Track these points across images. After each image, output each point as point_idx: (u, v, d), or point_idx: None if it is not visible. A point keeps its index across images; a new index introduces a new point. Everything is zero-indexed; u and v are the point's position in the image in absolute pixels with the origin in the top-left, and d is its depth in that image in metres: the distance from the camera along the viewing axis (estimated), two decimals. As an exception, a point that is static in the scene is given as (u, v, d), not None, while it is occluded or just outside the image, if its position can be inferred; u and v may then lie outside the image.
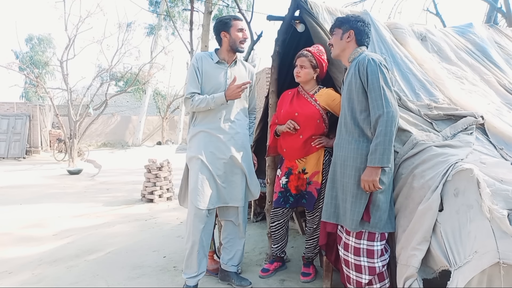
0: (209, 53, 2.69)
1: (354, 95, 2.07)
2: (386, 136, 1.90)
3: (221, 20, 2.63)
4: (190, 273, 2.57)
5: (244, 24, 2.64)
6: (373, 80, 1.97)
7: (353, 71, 2.08)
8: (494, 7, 7.19)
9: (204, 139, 2.58)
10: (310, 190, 2.69)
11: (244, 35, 2.61)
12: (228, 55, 2.63)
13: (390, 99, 1.95)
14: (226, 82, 2.59)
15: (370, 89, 1.99)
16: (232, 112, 2.64)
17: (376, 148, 1.92)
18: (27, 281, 2.97)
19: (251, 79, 2.79)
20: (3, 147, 13.73)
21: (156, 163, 6.17)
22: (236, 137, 2.63)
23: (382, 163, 1.91)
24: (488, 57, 3.29)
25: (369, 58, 2.02)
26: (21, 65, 16.76)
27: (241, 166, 2.63)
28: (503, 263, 1.48)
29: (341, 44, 2.19)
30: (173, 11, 17.69)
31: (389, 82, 2.01)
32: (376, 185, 1.93)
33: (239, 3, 4.61)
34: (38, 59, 21.66)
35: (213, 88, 2.58)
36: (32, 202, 6.12)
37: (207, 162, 2.53)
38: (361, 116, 2.06)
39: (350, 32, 2.15)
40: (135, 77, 14.64)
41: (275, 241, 2.92)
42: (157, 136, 21.23)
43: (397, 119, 1.97)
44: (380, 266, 2.03)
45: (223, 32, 2.59)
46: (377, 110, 1.95)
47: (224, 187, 2.59)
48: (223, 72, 2.61)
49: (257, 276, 2.87)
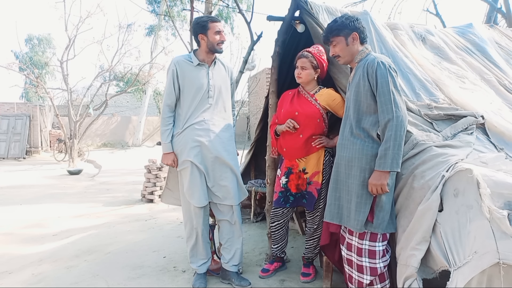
0: (187, 55, 2.73)
1: (362, 98, 2.06)
2: (396, 140, 1.91)
3: (198, 22, 2.65)
4: (199, 261, 2.74)
5: (221, 26, 2.67)
6: (382, 84, 1.96)
7: (361, 73, 2.06)
8: (494, 8, 7.19)
9: (191, 139, 2.63)
10: (311, 190, 2.70)
11: (222, 38, 2.64)
12: (207, 56, 2.68)
13: (399, 104, 1.95)
14: (208, 83, 2.65)
15: (379, 93, 1.98)
16: (217, 111, 2.70)
17: (386, 153, 1.92)
18: (27, 281, 2.97)
19: (230, 77, 2.86)
20: (3, 147, 13.72)
21: (156, 163, 6.17)
22: (222, 135, 2.69)
23: (391, 167, 1.92)
24: (488, 57, 3.29)
25: (379, 61, 2.00)
26: (21, 65, 16.76)
27: (229, 164, 2.69)
28: (503, 264, 1.47)
29: (350, 50, 2.14)
30: (173, 11, 17.68)
31: (398, 85, 2.01)
32: (384, 188, 1.94)
33: (239, 3, 4.61)
34: (38, 59, 21.67)
35: (196, 90, 2.63)
36: (32, 202, 6.12)
37: (197, 163, 2.61)
38: (369, 119, 2.05)
39: (353, 35, 2.12)
40: (135, 78, 14.63)
41: (275, 241, 2.92)
42: (157, 136, 21.19)
43: (406, 124, 1.96)
44: (382, 267, 2.04)
45: (200, 34, 2.63)
46: (386, 115, 1.94)
47: (213, 186, 2.68)
48: (205, 74, 2.66)
49: (257, 276, 2.88)
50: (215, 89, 2.69)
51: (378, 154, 1.96)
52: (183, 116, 2.67)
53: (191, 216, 2.68)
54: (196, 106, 2.64)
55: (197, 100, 2.64)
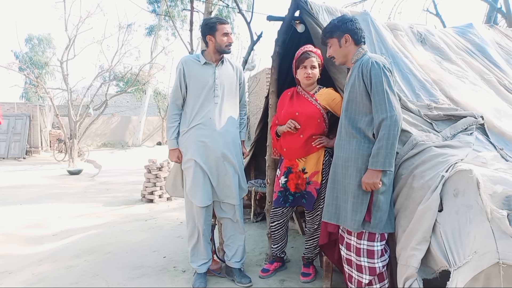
0: (196, 55, 2.79)
1: (357, 98, 2.07)
2: (389, 140, 1.91)
3: (207, 23, 2.70)
4: (200, 260, 2.76)
5: (229, 28, 2.70)
6: (377, 84, 1.97)
7: (356, 73, 2.07)
8: (494, 8, 7.19)
9: (196, 137, 2.65)
10: (310, 190, 2.70)
11: (229, 40, 2.68)
12: (214, 56, 2.72)
13: (393, 103, 1.96)
14: (214, 82, 2.68)
15: (373, 93, 1.99)
16: (222, 110, 2.71)
17: (379, 152, 1.93)
18: (27, 281, 2.97)
19: (239, 77, 2.88)
20: (3, 147, 13.72)
21: (156, 163, 6.17)
22: (227, 134, 2.70)
23: (384, 166, 1.93)
24: (488, 57, 3.29)
25: (373, 61, 2.02)
26: (21, 65, 16.75)
27: (233, 163, 2.71)
28: (502, 264, 1.47)
29: (342, 52, 2.18)
30: (173, 11, 17.68)
31: (393, 85, 2.01)
32: (377, 186, 1.95)
33: (239, 3, 4.61)
34: (38, 59, 21.65)
35: (202, 88, 2.67)
36: (32, 202, 6.12)
37: (201, 162, 2.63)
38: (365, 119, 2.06)
39: (345, 37, 2.14)
40: (135, 78, 14.63)
41: (275, 241, 2.92)
42: (157, 136, 21.22)
43: (400, 123, 1.97)
44: (380, 267, 2.04)
45: (208, 35, 2.67)
46: (380, 114, 1.95)
47: (217, 185, 2.70)
48: (211, 72, 2.69)
49: (257, 276, 2.88)
50: (221, 88, 2.70)
51: (372, 153, 1.98)
52: (189, 114, 2.70)
53: (193, 215, 2.71)
54: (201, 105, 2.67)
55: (203, 99, 2.66)
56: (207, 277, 2.81)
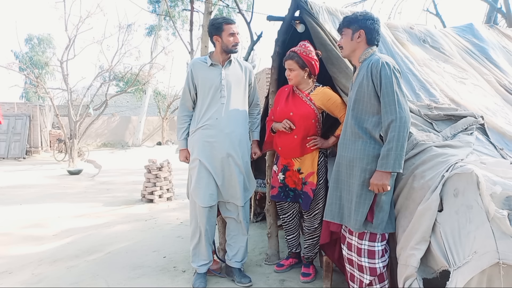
0: (204, 57, 2.81)
1: (365, 98, 2.05)
2: (399, 141, 1.90)
3: (213, 24, 2.70)
4: (201, 261, 2.75)
5: (235, 28, 2.69)
6: (387, 85, 1.96)
7: (364, 73, 2.05)
8: (494, 8, 7.19)
9: (202, 137, 2.67)
10: (306, 191, 2.71)
11: (235, 40, 2.68)
12: (222, 56, 2.73)
13: (403, 104, 1.94)
14: (221, 83, 2.69)
15: (383, 94, 1.97)
16: (230, 110, 2.71)
17: (389, 153, 1.92)
18: (27, 281, 2.97)
19: (249, 76, 2.87)
20: (3, 147, 13.72)
21: (156, 163, 6.17)
22: (233, 135, 2.70)
23: (394, 168, 1.91)
24: (488, 58, 3.29)
25: (383, 61, 2.00)
26: (21, 65, 16.75)
27: (238, 164, 2.71)
28: (502, 264, 1.48)
29: (351, 45, 2.15)
30: (173, 11, 17.68)
31: (402, 86, 2.00)
32: (386, 188, 1.95)
33: (239, 3, 4.61)
34: (38, 59, 21.66)
35: (208, 89, 2.69)
36: (32, 202, 6.11)
37: (206, 162, 2.64)
38: (372, 119, 2.04)
39: (360, 32, 2.11)
40: (135, 77, 14.63)
41: (289, 231, 2.97)
42: (157, 136, 21.22)
43: (409, 124, 1.96)
44: (381, 267, 2.04)
45: (215, 36, 2.69)
46: (390, 115, 1.94)
47: (222, 185, 2.69)
48: (218, 73, 2.70)
49: (257, 276, 2.88)
50: (228, 88, 2.71)
51: (381, 154, 1.96)
52: (197, 115, 2.73)
53: (196, 215, 2.71)
54: (208, 106, 2.68)
55: (210, 100, 2.68)
56: (207, 277, 2.81)
